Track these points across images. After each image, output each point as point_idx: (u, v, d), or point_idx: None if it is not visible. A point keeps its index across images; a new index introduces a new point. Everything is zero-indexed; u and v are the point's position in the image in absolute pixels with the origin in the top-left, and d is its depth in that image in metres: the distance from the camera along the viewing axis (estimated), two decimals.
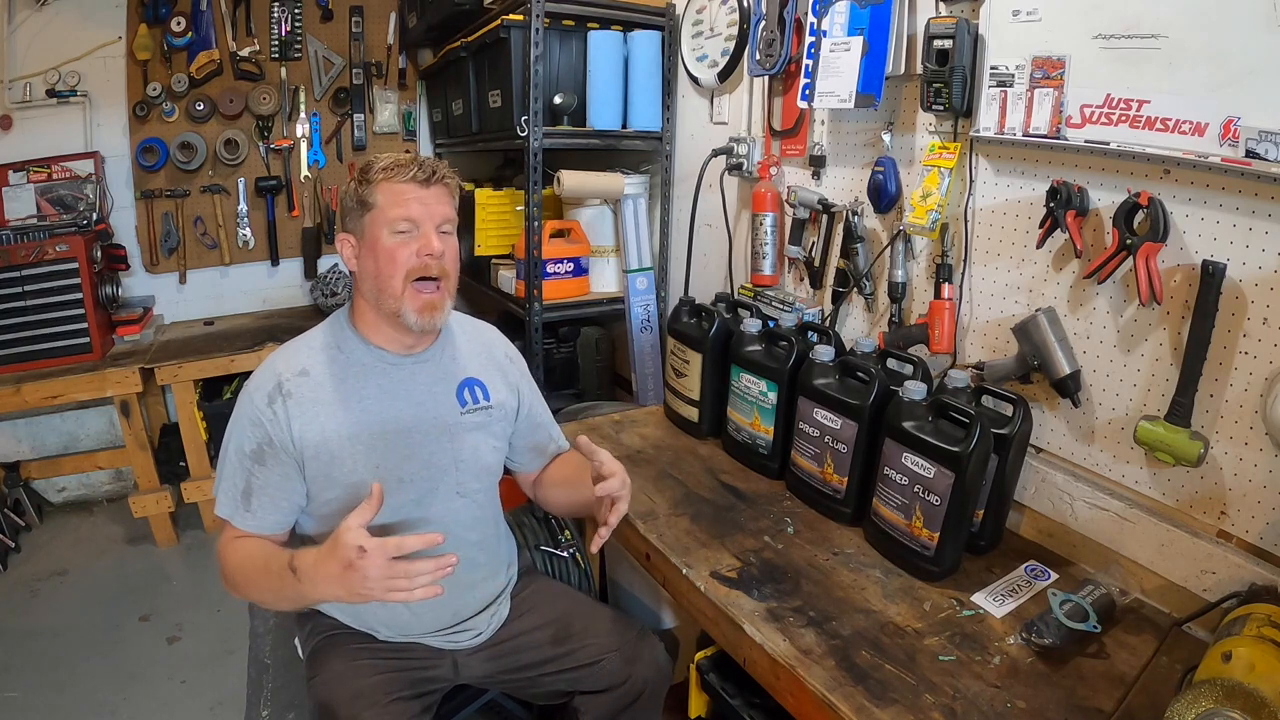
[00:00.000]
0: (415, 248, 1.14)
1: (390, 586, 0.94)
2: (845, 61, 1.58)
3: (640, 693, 1.28)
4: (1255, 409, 1.11)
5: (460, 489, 1.26)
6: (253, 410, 1.15)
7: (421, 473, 1.21)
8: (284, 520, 1.18)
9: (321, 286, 3.08)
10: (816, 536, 1.41)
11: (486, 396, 1.30)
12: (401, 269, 1.14)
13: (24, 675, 1.99)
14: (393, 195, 1.14)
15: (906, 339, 1.59)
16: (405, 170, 1.14)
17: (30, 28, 2.60)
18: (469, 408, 1.27)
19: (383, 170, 1.14)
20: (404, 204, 1.13)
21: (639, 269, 2.45)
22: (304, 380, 1.17)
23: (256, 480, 1.14)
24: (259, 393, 1.16)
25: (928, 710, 0.98)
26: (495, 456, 1.32)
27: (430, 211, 1.15)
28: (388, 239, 1.14)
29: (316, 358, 1.20)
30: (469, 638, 1.29)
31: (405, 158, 1.16)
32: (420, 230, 1.14)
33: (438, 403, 1.24)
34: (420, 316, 1.15)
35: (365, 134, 3.16)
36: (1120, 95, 1.18)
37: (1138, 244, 1.16)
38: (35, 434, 2.87)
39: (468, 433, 1.26)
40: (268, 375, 1.18)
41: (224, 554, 1.15)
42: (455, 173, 1.22)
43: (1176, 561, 1.20)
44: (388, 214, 1.13)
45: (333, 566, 0.96)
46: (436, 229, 1.16)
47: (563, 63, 2.27)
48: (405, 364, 1.23)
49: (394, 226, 1.13)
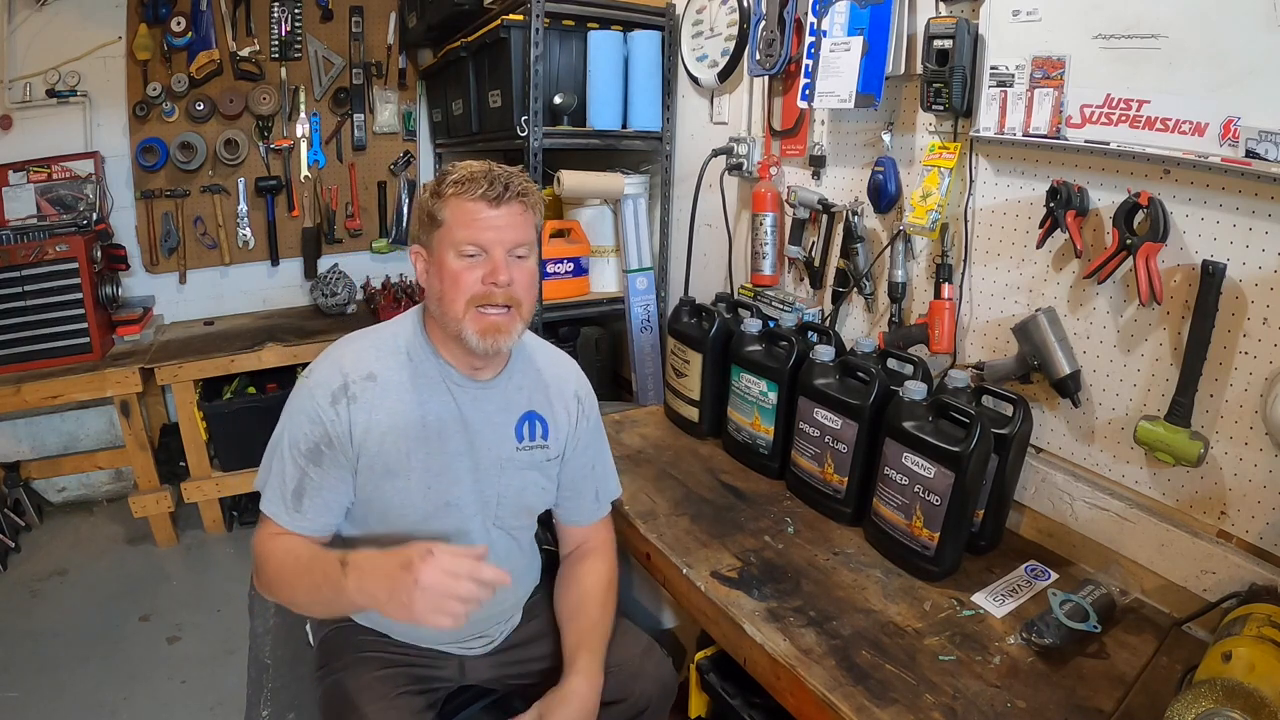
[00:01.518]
0: (481, 273, 1.06)
1: (437, 605, 0.89)
2: (845, 61, 1.58)
3: (644, 709, 1.26)
4: (1255, 409, 1.11)
5: (499, 523, 1.22)
6: (314, 408, 1.09)
7: (467, 500, 1.17)
8: (332, 523, 1.13)
9: (321, 287, 3.08)
10: (816, 536, 1.41)
11: (545, 435, 1.23)
12: (465, 294, 1.06)
13: (24, 675, 1.99)
14: (462, 214, 1.06)
15: (906, 339, 1.59)
16: (476, 186, 1.05)
17: (30, 28, 2.60)
18: (525, 444, 1.21)
19: (454, 184, 1.07)
20: (472, 226, 1.05)
21: (639, 269, 2.45)
22: (370, 385, 1.11)
23: (311, 480, 1.09)
24: (322, 390, 1.09)
25: (928, 710, 0.98)
26: (541, 498, 1.27)
27: (501, 235, 1.06)
28: (453, 261, 1.06)
29: (386, 362, 1.13)
30: (480, 644, 1.28)
31: (479, 170, 1.07)
32: (489, 255, 1.06)
33: (496, 433, 1.19)
34: (483, 339, 1.07)
35: (365, 134, 3.16)
36: (1120, 95, 1.18)
37: (1138, 244, 1.16)
38: (35, 434, 2.87)
39: (519, 470, 1.21)
40: (332, 373, 1.11)
41: (263, 551, 1.09)
42: (534, 185, 1.12)
43: (1176, 561, 1.20)
44: (454, 234, 1.06)
45: (390, 564, 0.92)
46: (508, 253, 1.07)
47: (563, 63, 2.27)
48: (470, 387, 1.16)
49: (460, 249, 1.06)
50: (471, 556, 0.94)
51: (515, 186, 1.08)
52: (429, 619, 0.90)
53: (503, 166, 1.11)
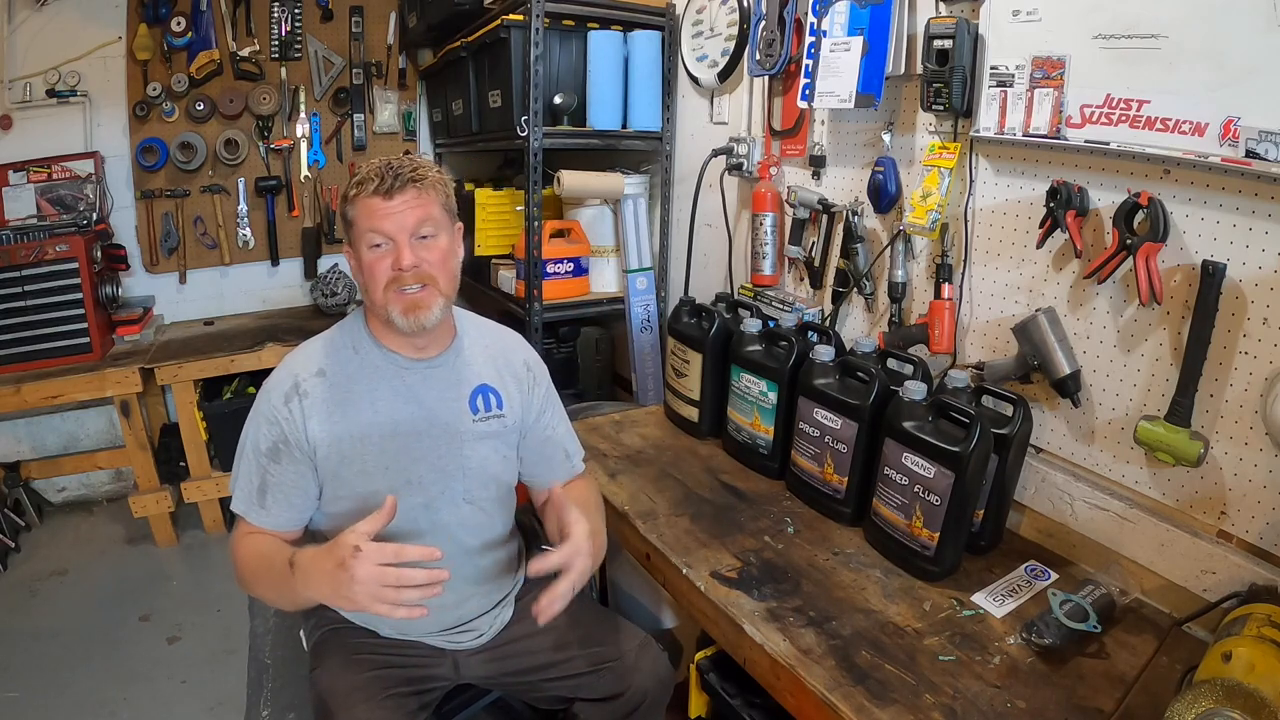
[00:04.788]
0: (389, 261, 1.14)
1: (377, 595, 0.94)
2: (845, 61, 1.58)
3: (640, 703, 1.27)
4: (1255, 409, 1.11)
5: (468, 496, 1.26)
6: (270, 409, 1.17)
7: (430, 477, 1.22)
8: (297, 518, 1.19)
9: (321, 286, 3.08)
10: (816, 536, 1.41)
11: (500, 405, 1.29)
12: (380, 282, 1.14)
13: (24, 675, 1.99)
14: (364, 211, 1.14)
15: (906, 339, 1.59)
16: (369, 184, 1.13)
17: (30, 28, 2.59)
18: (480, 415, 1.27)
19: (354, 185, 1.15)
20: (372, 219, 1.13)
21: (639, 269, 2.45)
22: (320, 380, 1.18)
23: (271, 477, 1.16)
24: (276, 392, 1.18)
25: (928, 710, 0.98)
26: (504, 466, 1.32)
27: (399, 222, 1.13)
28: (366, 254, 1.15)
29: (333, 358, 1.21)
30: (470, 639, 1.29)
31: (375, 168, 1.14)
32: (394, 243, 1.14)
33: (449, 408, 1.24)
34: (406, 317, 1.15)
35: (365, 134, 3.16)
36: (1120, 95, 1.18)
37: (1138, 244, 1.16)
38: (35, 434, 2.87)
39: (478, 440, 1.26)
40: (285, 375, 1.19)
41: (236, 549, 1.16)
42: (431, 167, 1.18)
43: (1176, 561, 1.20)
44: (361, 229, 1.14)
45: (327, 563, 0.97)
46: (411, 238, 1.14)
47: (563, 63, 2.27)
48: (418, 368, 1.23)
49: (368, 241, 1.14)
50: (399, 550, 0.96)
51: (405, 174, 1.14)
52: (375, 609, 0.94)
53: (406, 158, 1.17)
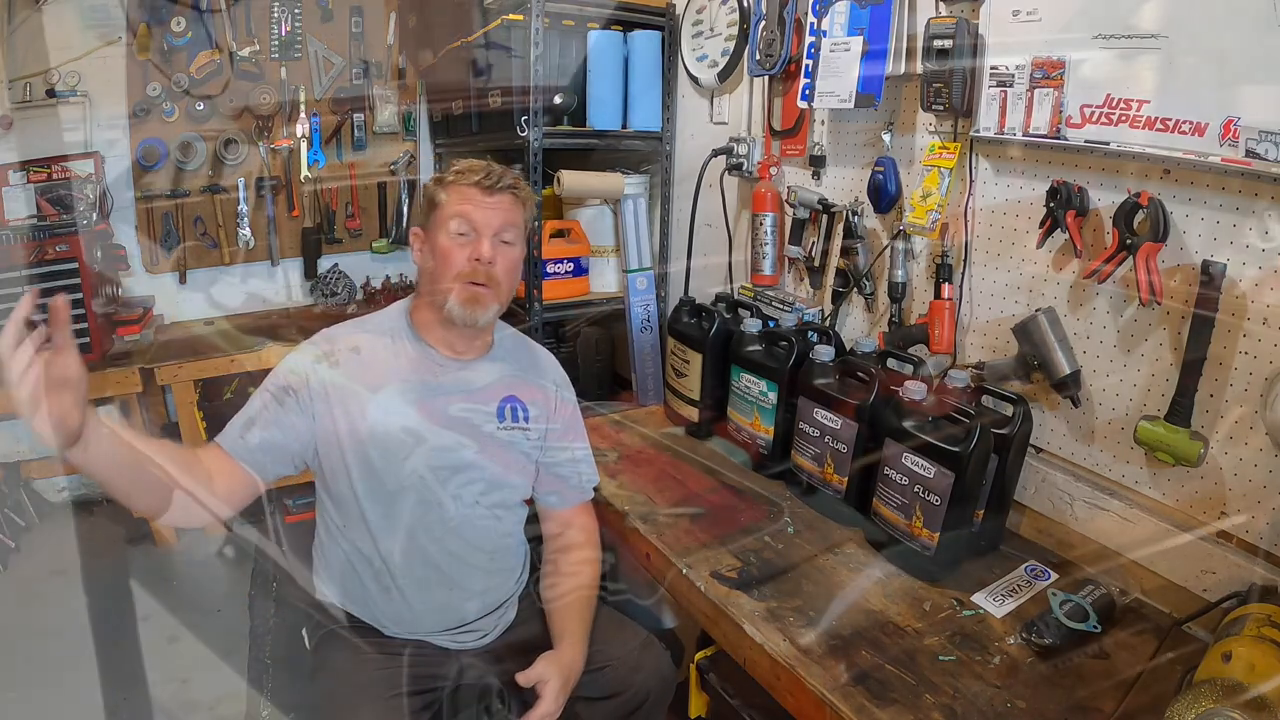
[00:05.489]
0: (468, 252, 1.19)
1: (31, 398, 0.84)
2: (845, 61, 1.58)
3: (642, 702, 1.28)
4: (1255, 409, 1.11)
5: (481, 499, 1.27)
6: (298, 360, 1.20)
7: (444, 474, 1.23)
8: (267, 463, 1.15)
9: (321, 286, 3.08)
10: (816, 536, 1.41)
11: (526, 419, 1.32)
12: (453, 270, 1.19)
13: (24, 675, 1.99)
14: (457, 196, 1.20)
15: (906, 339, 1.59)
16: (473, 174, 1.21)
17: (30, 28, 2.59)
18: (506, 424, 1.30)
19: (455, 173, 1.22)
20: (465, 206, 1.19)
21: (639, 269, 2.45)
22: (354, 356, 1.22)
23: (267, 414, 1.17)
24: (311, 348, 1.22)
25: (928, 710, 0.98)
26: (521, 477, 1.34)
27: (489, 218, 1.20)
28: (445, 239, 1.20)
29: (371, 340, 1.25)
30: (474, 639, 1.29)
31: (479, 164, 1.23)
32: (477, 236, 1.20)
33: (476, 411, 1.27)
34: (464, 308, 1.18)
35: (365, 134, 3.16)
36: (1120, 95, 1.18)
37: (1138, 244, 1.16)
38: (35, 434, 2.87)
39: (499, 447, 1.28)
40: (323, 339, 1.25)
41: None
42: (528, 186, 1.28)
43: (1176, 561, 1.20)
44: (449, 212, 1.20)
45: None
46: (493, 236, 1.20)
47: (563, 63, 2.26)
48: (451, 367, 1.26)
49: (452, 227, 1.19)
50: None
51: (507, 180, 1.23)
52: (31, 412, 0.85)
53: (502, 168, 1.26)
